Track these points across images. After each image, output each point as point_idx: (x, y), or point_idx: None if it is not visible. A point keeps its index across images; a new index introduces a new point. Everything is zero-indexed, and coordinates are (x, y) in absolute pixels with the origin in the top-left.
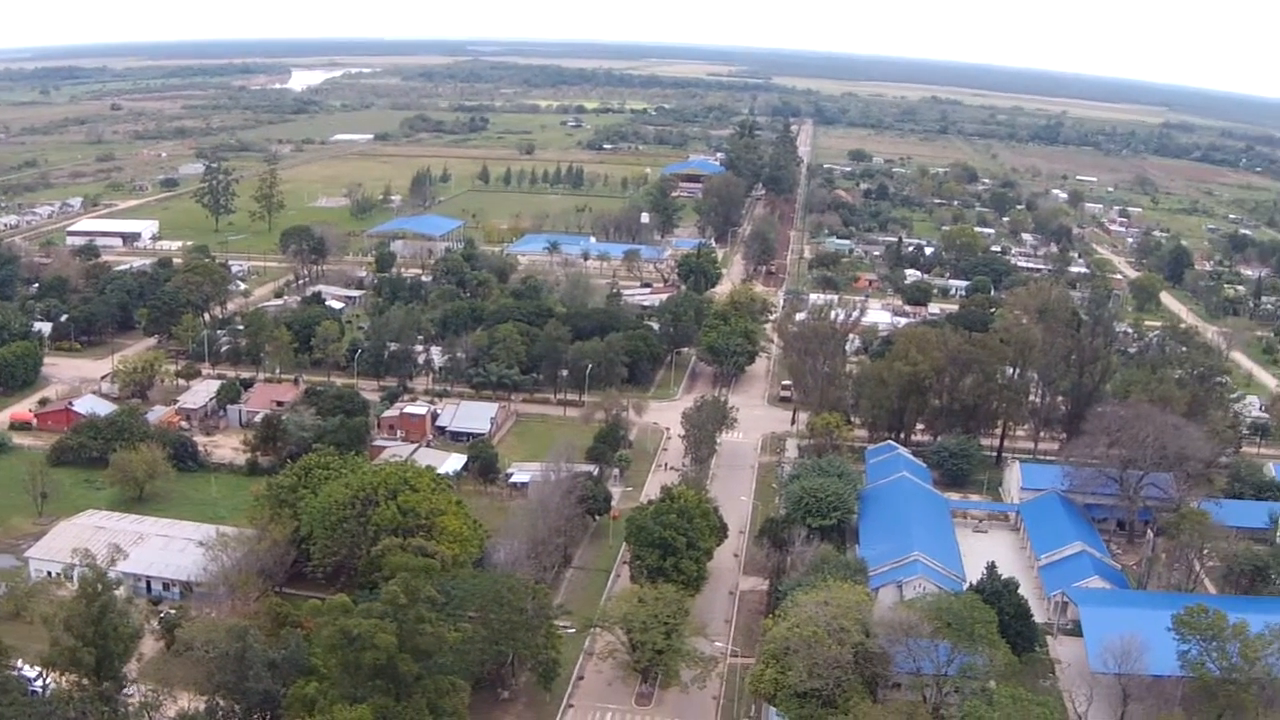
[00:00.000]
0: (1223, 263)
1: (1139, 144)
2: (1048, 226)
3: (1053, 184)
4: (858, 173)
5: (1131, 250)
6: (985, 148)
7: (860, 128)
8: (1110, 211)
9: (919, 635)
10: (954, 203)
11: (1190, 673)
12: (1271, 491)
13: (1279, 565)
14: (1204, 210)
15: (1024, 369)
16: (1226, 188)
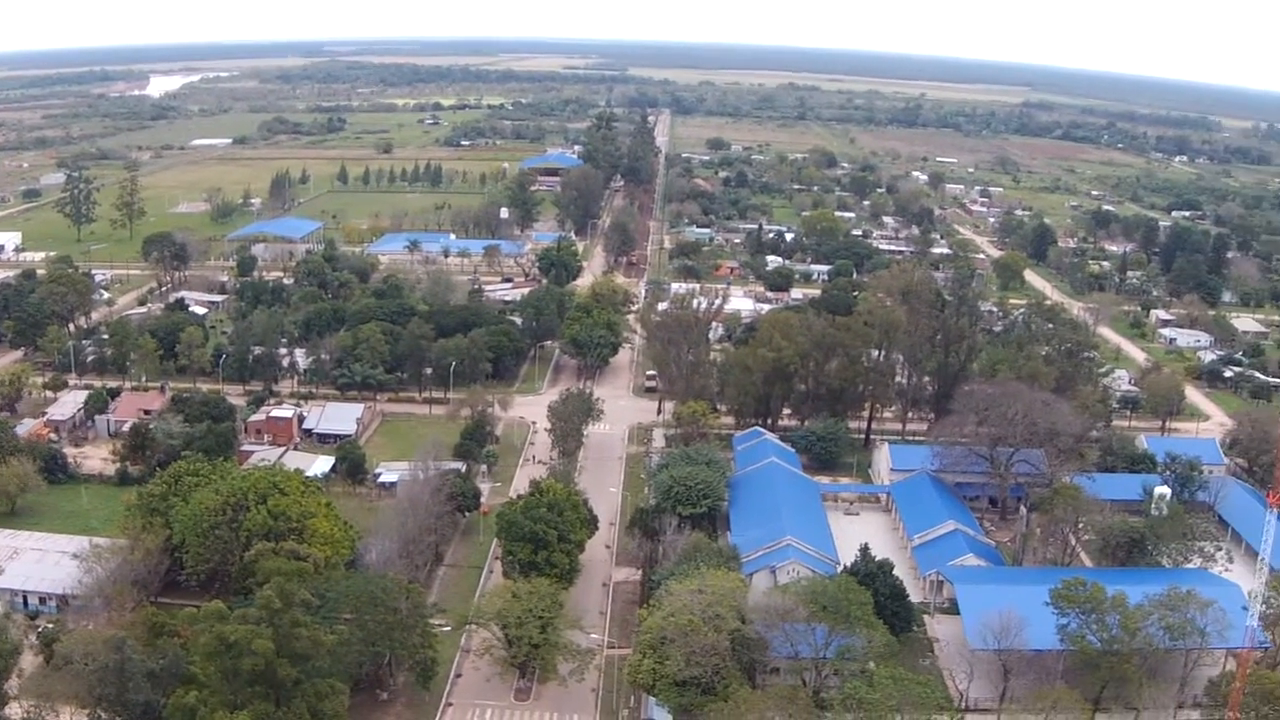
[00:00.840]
0: (1086, 239)
1: (999, 124)
2: (909, 209)
3: (913, 166)
4: (716, 161)
5: (994, 230)
6: (844, 132)
7: (718, 116)
8: (971, 192)
9: (795, 619)
10: (814, 188)
11: (1071, 646)
12: (1144, 463)
13: (1155, 536)
14: (1066, 188)
15: (889, 351)
16: (1089, 165)
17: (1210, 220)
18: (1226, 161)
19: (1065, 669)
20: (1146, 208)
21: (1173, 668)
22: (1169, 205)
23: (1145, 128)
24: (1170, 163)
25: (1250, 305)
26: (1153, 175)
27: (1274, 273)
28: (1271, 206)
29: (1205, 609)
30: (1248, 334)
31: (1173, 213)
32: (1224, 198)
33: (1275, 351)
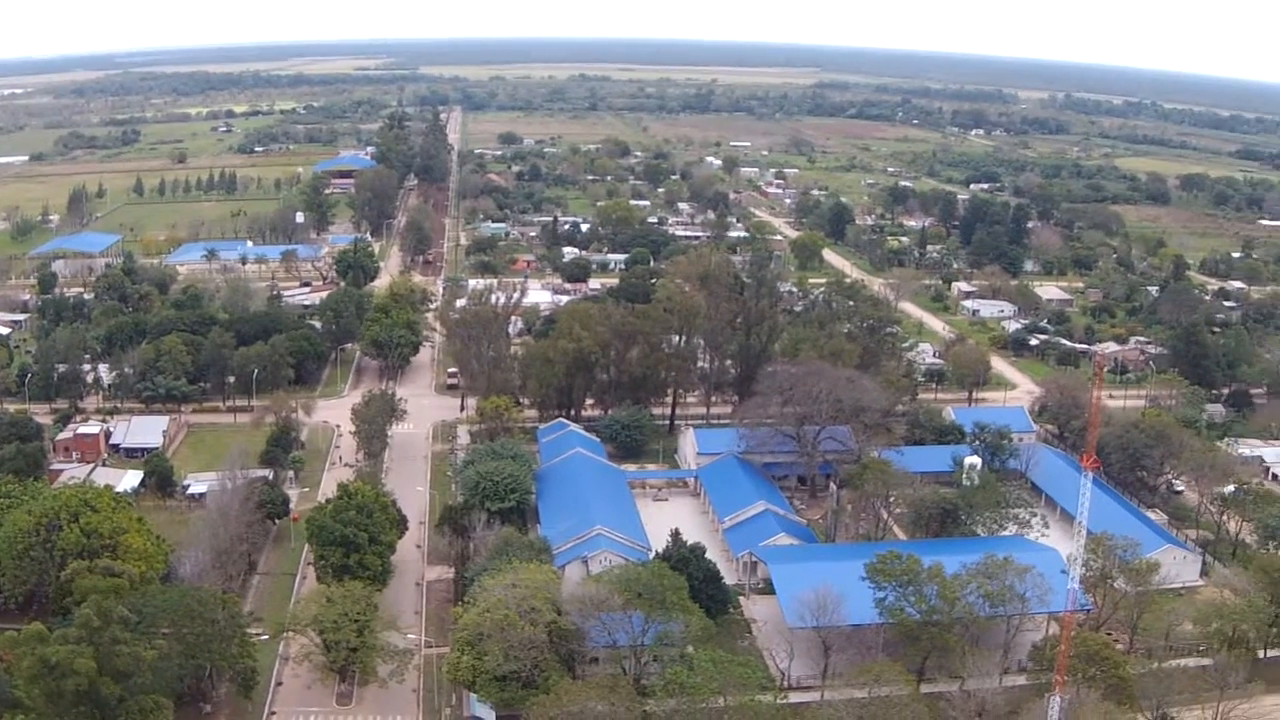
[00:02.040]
0: (884, 216)
1: (793, 106)
2: (704, 194)
3: (707, 152)
4: (509, 155)
5: (790, 211)
6: (636, 121)
7: (509, 110)
8: (767, 174)
9: (610, 608)
10: (608, 178)
11: (890, 619)
12: (953, 435)
13: (967, 506)
14: (862, 166)
15: (690, 336)
16: (884, 142)
17: (1009, 191)
18: (1024, 133)
19: (886, 642)
20: (944, 182)
21: (995, 635)
22: (967, 179)
23: (940, 103)
24: (966, 137)
25: (1053, 273)
26: (949, 150)
27: (1075, 240)
28: (1071, 175)
29: (1023, 575)
30: (1052, 302)
31: (971, 186)
32: (1022, 169)
33: (1081, 318)
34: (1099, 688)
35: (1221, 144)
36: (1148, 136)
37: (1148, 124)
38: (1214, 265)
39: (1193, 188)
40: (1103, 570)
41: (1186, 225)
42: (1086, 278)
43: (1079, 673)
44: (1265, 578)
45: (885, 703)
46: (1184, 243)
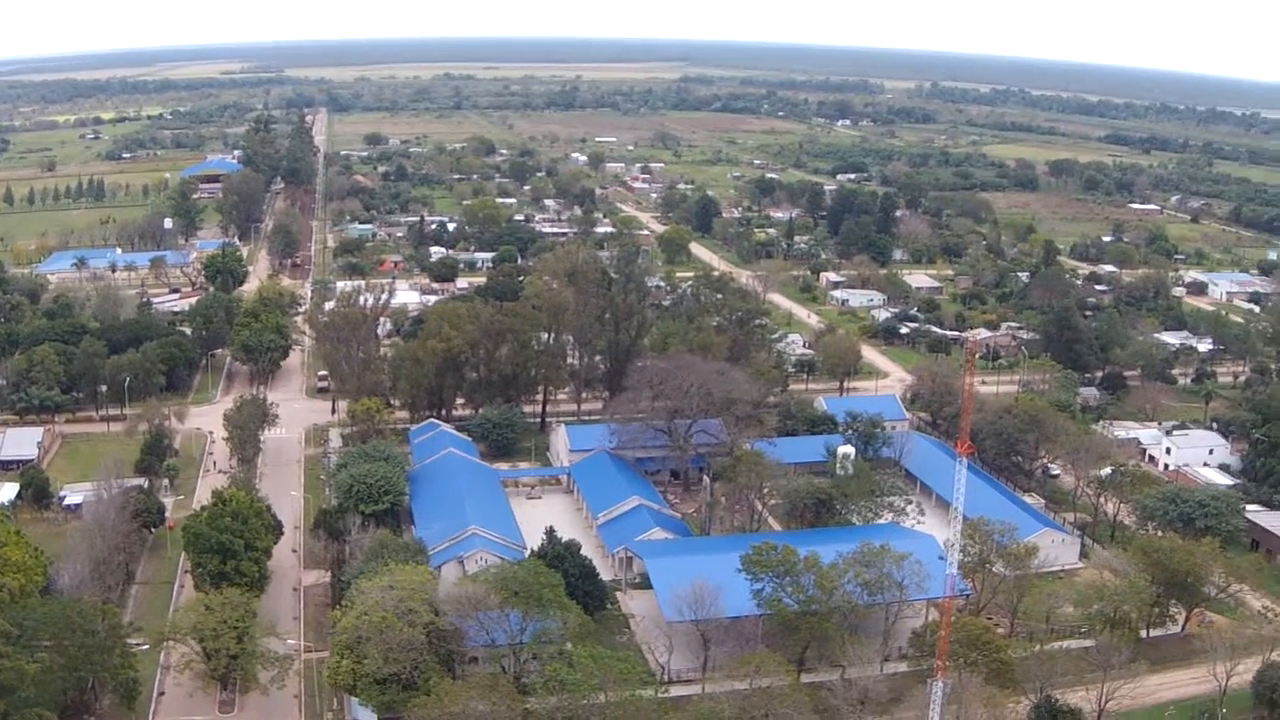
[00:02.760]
0: (751, 208)
1: (658, 100)
2: (570, 190)
3: (572, 148)
4: (375, 156)
5: (657, 205)
6: (501, 119)
7: (375, 111)
8: (632, 169)
9: (488, 607)
10: (474, 176)
11: (768, 610)
12: (825, 424)
13: (842, 495)
14: (728, 159)
15: (559, 333)
16: (750, 135)
17: (877, 181)
18: (891, 123)
19: (765, 633)
20: (811, 173)
21: (874, 623)
22: (834, 169)
23: (806, 94)
24: (833, 127)
25: (922, 262)
26: (816, 141)
27: (944, 228)
28: (938, 163)
29: (900, 562)
30: (921, 290)
31: (838, 176)
32: (890, 158)
33: (951, 305)
34: (981, 672)
35: (1090, 129)
36: (1016, 123)
37: (1015, 111)
38: (1085, 250)
39: (1062, 173)
40: (981, 555)
41: (1056, 211)
42: (956, 265)
43: (960, 658)
44: (1145, 558)
45: (766, 694)
46: (1054, 228)
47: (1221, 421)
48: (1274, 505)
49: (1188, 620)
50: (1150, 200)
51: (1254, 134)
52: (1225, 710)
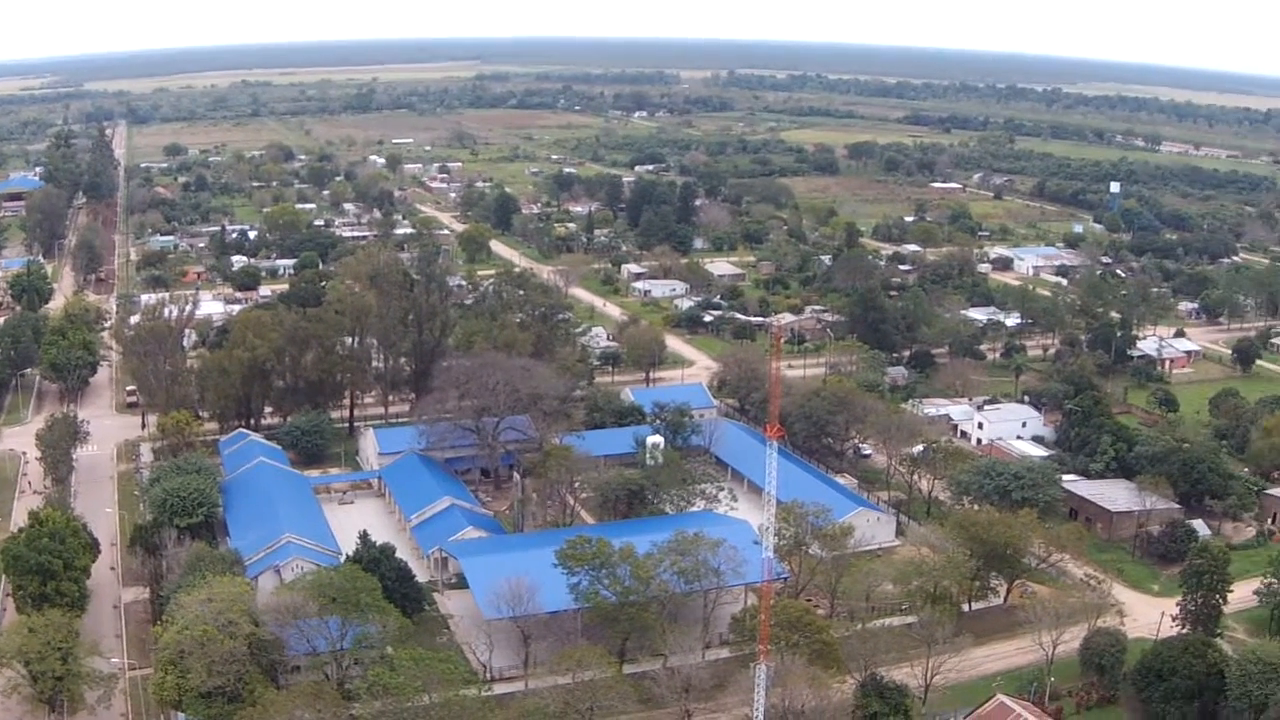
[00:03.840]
0: (550, 203)
1: (454, 99)
2: (369, 193)
3: (370, 150)
4: (175, 167)
5: (456, 204)
6: (298, 124)
7: (174, 122)
8: (430, 169)
9: (307, 615)
10: (273, 183)
11: (585, 603)
12: (633, 416)
13: (653, 485)
14: (526, 155)
15: (363, 336)
16: (547, 130)
17: (675, 171)
18: (688, 112)
19: (585, 627)
20: (609, 166)
21: (693, 610)
22: (632, 161)
23: (602, 88)
24: (630, 119)
25: (724, 249)
26: (612, 133)
27: (744, 215)
28: (736, 151)
29: (716, 549)
30: (723, 277)
31: (636, 168)
32: (687, 147)
33: (754, 291)
34: (804, 654)
35: (889, 111)
36: (813, 108)
37: (813, 96)
38: (887, 231)
39: (862, 156)
40: (796, 538)
41: (857, 193)
42: (758, 251)
43: (782, 640)
44: (963, 533)
45: (589, 686)
46: (855, 210)
47: (1033, 394)
48: (1090, 474)
49: (1009, 592)
50: (952, 179)
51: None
52: (1054, 678)
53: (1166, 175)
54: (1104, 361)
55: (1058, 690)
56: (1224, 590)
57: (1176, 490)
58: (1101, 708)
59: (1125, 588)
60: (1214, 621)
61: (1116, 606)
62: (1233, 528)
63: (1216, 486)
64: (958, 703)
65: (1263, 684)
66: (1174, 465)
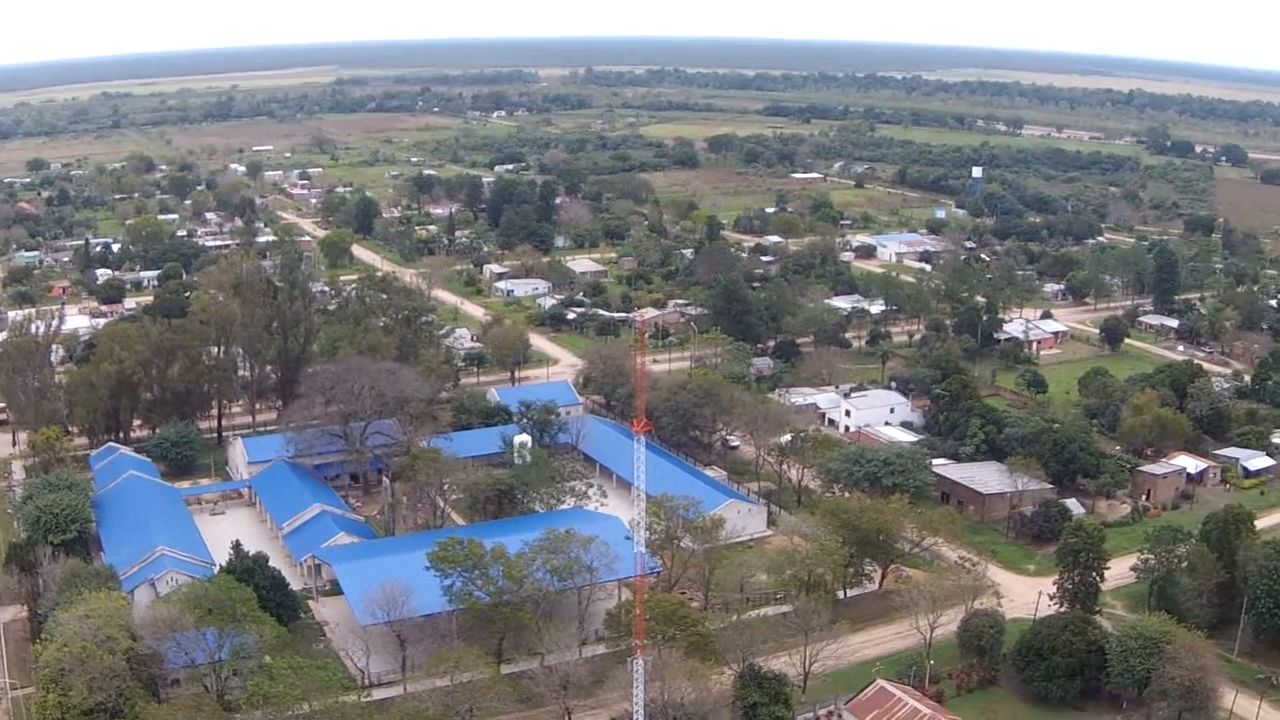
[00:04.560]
0: (410, 206)
1: (313, 105)
2: (230, 201)
3: (230, 159)
4: (38, 182)
5: (317, 210)
6: (159, 135)
7: (36, 136)
8: (291, 176)
9: (184, 628)
10: (135, 195)
11: (460, 604)
12: (499, 415)
13: (522, 484)
14: (385, 159)
15: (228, 345)
16: (406, 133)
17: (535, 170)
18: (546, 111)
19: (461, 628)
20: (469, 167)
21: (568, 608)
22: (491, 161)
23: (460, 89)
24: (489, 119)
25: (585, 246)
26: (472, 134)
27: (605, 211)
28: (596, 148)
29: (587, 545)
30: (586, 275)
31: (496, 168)
32: (547, 146)
33: (617, 287)
34: (680, 646)
35: (749, 103)
36: (672, 103)
37: (672, 90)
38: (749, 223)
39: (721, 148)
40: (667, 531)
41: (718, 186)
42: (619, 247)
43: (658, 634)
44: (834, 520)
45: (468, 688)
46: (716, 203)
47: (900, 380)
48: (960, 458)
49: (884, 577)
50: (813, 169)
51: (916, 96)
52: (933, 661)
53: (1029, 159)
54: (970, 345)
55: (938, 673)
56: (1100, 568)
57: (1048, 470)
58: (983, 689)
59: (1000, 569)
60: (1092, 599)
61: (993, 588)
62: (1107, 505)
63: (1088, 465)
64: (838, 689)
65: (1144, 658)
66: (1045, 446)
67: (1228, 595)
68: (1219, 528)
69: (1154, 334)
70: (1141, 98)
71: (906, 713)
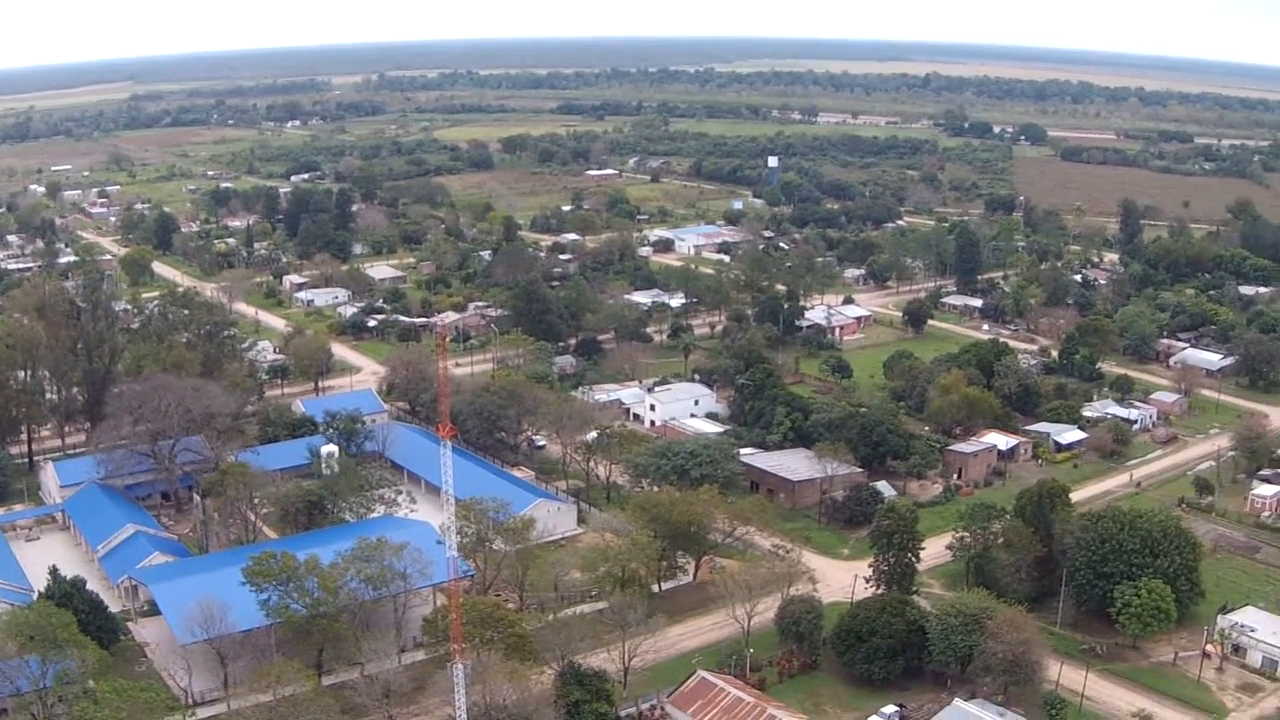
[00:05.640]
0: (209, 220)
1: (109, 122)
2: (31, 223)
3: (29, 180)
4: None
5: (116, 228)
6: None
7: None
8: (90, 194)
9: (5, 656)
10: None
11: (278, 618)
12: (306, 427)
13: (332, 494)
14: (182, 173)
15: (35, 369)
16: (202, 146)
17: (331, 178)
18: (341, 118)
19: (280, 642)
20: (265, 178)
21: (385, 616)
22: (288, 171)
23: (255, 100)
24: (284, 129)
25: (383, 253)
26: (267, 145)
27: (402, 217)
28: (391, 153)
29: (400, 552)
30: (385, 281)
31: (292, 178)
32: (342, 154)
33: (416, 293)
34: (499, 648)
35: (542, 102)
36: (466, 105)
37: (465, 93)
38: (545, 222)
39: (516, 149)
40: (479, 534)
41: (513, 186)
42: (417, 252)
43: (476, 637)
44: (644, 515)
45: (291, 702)
46: (512, 204)
47: (703, 372)
48: (768, 446)
49: (698, 569)
50: (608, 165)
51: (710, 89)
52: (753, 650)
53: (825, 146)
54: (773, 334)
55: (758, 661)
56: (915, 548)
57: (857, 454)
58: (805, 674)
59: (815, 554)
60: (909, 579)
61: (808, 573)
62: (919, 486)
63: (897, 447)
64: (659, 683)
65: (965, 635)
66: (852, 430)
67: (1046, 569)
68: (1033, 502)
69: (958, 314)
70: (938, 81)
71: (729, 702)
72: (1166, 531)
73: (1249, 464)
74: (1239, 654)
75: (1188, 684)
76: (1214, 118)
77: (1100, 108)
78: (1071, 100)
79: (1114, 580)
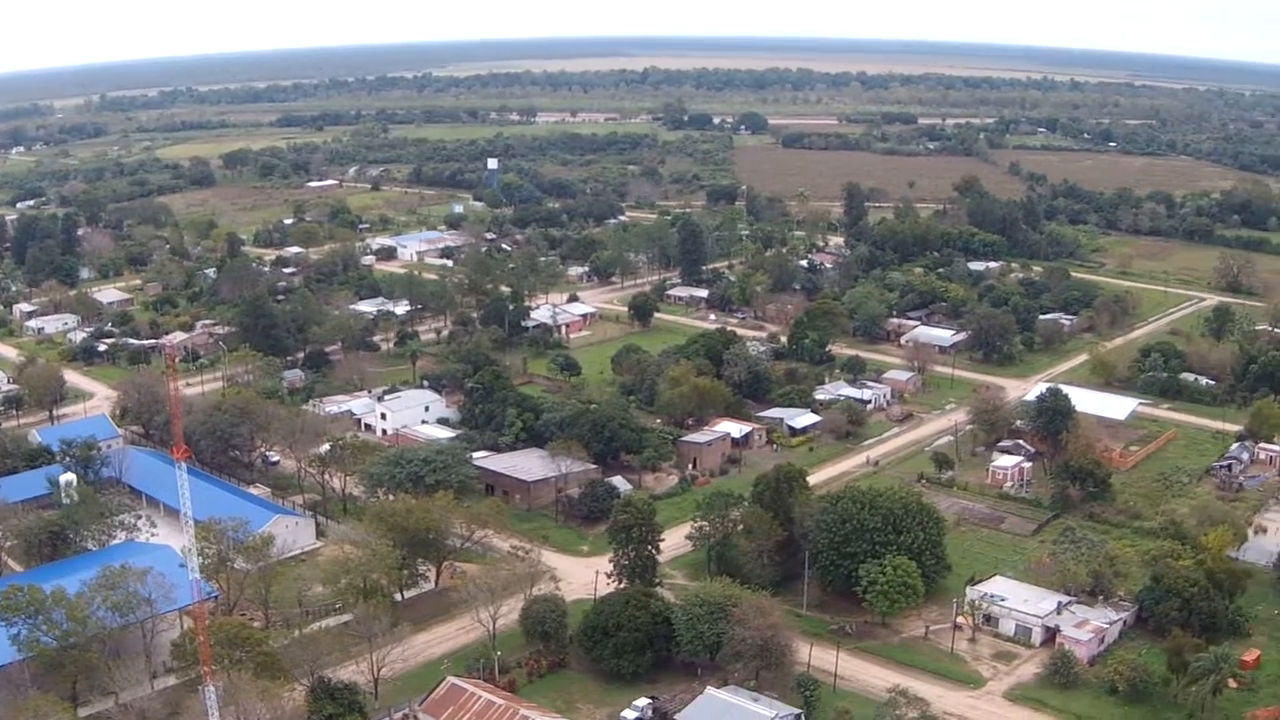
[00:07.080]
0: None
1: None
2: None
3: None
4: None
5: None
6: None
7: None
8: None
9: None
10: None
11: (29, 653)
12: (43, 457)
13: (73, 523)
14: None
15: None
16: None
17: (56, 203)
18: (64, 142)
19: (34, 676)
20: None
21: (134, 642)
22: (13, 199)
23: None
24: (7, 156)
25: (110, 276)
26: None
27: (127, 239)
28: (114, 175)
29: (143, 578)
30: (113, 304)
31: (18, 205)
32: (66, 178)
33: (144, 314)
34: (249, 668)
35: (261, 116)
36: (186, 122)
37: (185, 110)
38: (268, 236)
39: (237, 164)
40: (219, 555)
41: (235, 202)
42: (143, 273)
43: (225, 658)
44: (382, 524)
45: None
46: (235, 219)
47: (432, 378)
48: (501, 448)
49: (439, 575)
50: (329, 176)
51: (427, 94)
52: (500, 652)
53: (545, 145)
54: (500, 336)
55: (507, 663)
56: (655, 540)
57: (590, 451)
58: (554, 673)
59: (555, 553)
60: (651, 572)
61: (549, 572)
62: (654, 479)
63: (630, 441)
64: (410, 692)
65: (712, 623)
66: (584, 427)
67: (789, 553)
68: (771, 487)
69: (684, 306)
70: (656, 75)
71: (480, 706)
72: (908, 508)
73: (988, 436)
74: (991, 624)
75: (942, 656)
76: (937, 97)
77: (821, 94)
78: (792, 88)
79: (858, 560)
